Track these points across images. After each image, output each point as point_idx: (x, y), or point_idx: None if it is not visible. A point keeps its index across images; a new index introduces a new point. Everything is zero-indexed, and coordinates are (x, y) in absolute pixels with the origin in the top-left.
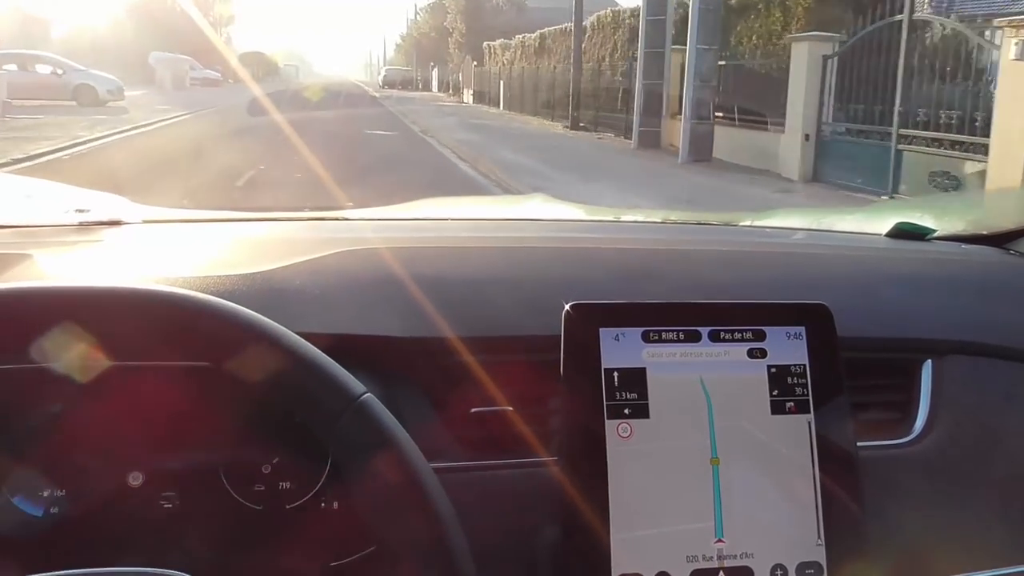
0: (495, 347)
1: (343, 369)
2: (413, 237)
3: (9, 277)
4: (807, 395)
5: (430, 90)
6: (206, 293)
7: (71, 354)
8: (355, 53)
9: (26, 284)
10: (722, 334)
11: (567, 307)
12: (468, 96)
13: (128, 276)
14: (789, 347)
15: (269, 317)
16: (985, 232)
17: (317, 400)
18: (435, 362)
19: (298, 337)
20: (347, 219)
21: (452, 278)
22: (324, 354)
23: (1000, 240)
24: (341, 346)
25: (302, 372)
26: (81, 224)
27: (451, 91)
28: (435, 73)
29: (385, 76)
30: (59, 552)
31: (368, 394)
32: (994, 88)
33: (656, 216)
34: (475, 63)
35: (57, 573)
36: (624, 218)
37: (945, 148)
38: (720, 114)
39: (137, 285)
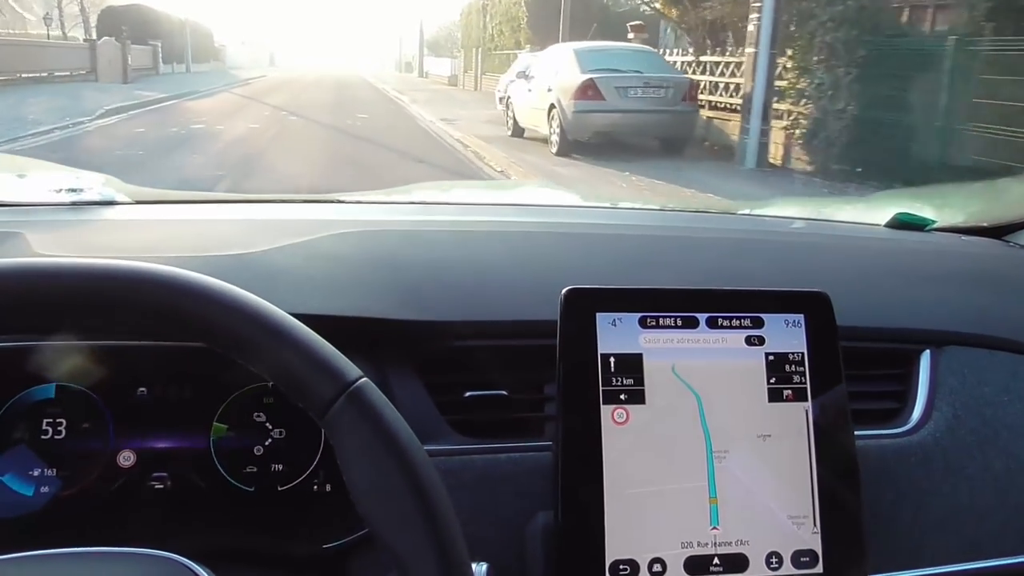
0: (491, 331)
1: (339, 352)
2: (409, 220)
3: None
4: (805, 383)
5: None
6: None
7: (60, 332)
8: (372, 34)
9: (12, 260)
10: (720, 321)
11: (564, 292)
12: None
13: (119, 255)
14: (788, 335)
15: (261, 298)
16: (985, 224)
17: (312, 383)
18: (430, 345)
19: (294, 319)
20: (342, 202)
21: (448, 261)
22: (320, 336)
23: (1000, 232)
24: (334, 328)
25: (297, 354)
26: (73, 203)
27: None
28: None
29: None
30: (49, 532)
31: (364, 378)
32: None
33: (655, 203)
34: None
35: (46, 551)
36: (622, 205)
37: None
38: None
39: (127, 263)
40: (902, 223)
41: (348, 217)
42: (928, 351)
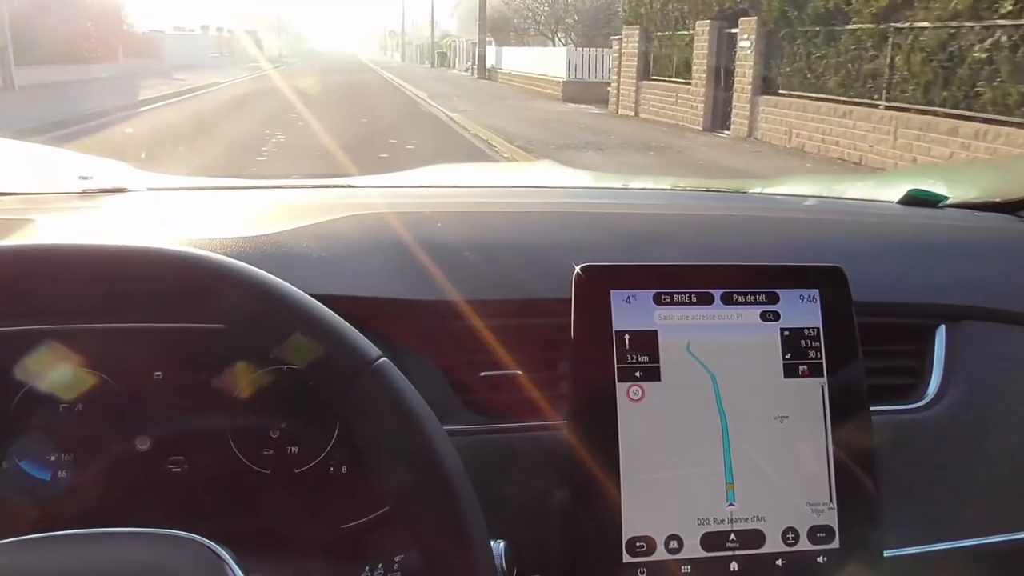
0: (504, 310)
1: (358, 332)
2: (420, 203)
3: (11, 242)
4: (820, 358)
5: None
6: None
7: (77, 315)
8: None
9: (32, 243)
10: (735, 297)
11: (577, 269)
12: None
13: (131, 241)
14: (803, 310)
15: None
16: (998, 199)
17: (333, 363)
18: (444, 325)
19: (313, 299)
20: (353, 186)
21: (460, 242)
22: (339, 317)
23: (1013, 207)
24: (348, 308)
25: (318, 334)
26: (85, 191)
27: None
28: None
29: None
30: (67, 516)
31: (384, 358)
32: None
33: (665, 183)
34: None
35: (65, 532)
36: (632, 185)
37: None
38: None
39: (150, 245)
40: (915, 199)
41: (360, 201)
42: (944, 326)
